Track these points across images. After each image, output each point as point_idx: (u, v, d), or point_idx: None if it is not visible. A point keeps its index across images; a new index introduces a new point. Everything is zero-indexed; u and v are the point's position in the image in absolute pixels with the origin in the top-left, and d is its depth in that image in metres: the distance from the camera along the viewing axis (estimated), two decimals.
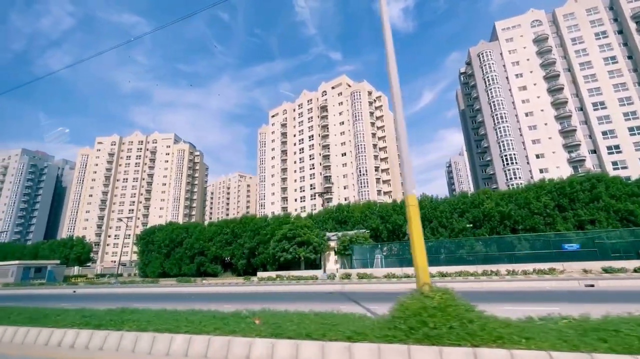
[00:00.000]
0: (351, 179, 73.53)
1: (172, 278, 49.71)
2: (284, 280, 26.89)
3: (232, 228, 52.41)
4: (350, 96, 78.59)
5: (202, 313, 8.35)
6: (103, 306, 10.59)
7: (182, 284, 30.69)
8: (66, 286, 34.02)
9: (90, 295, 22.85)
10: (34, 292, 28.86)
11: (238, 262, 49.73)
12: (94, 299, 18.98)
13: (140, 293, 22.89)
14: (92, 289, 29.48)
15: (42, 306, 11.89)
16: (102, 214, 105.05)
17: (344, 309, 7.71)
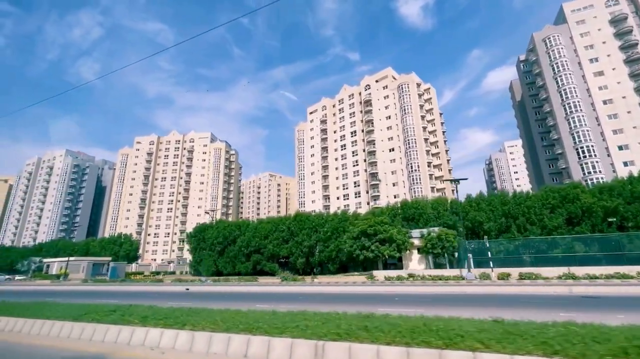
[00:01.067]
0: (401, 176, 70.04)
1: (230, 276, 48.27)
2: (416, 279, 23.63)
3: (287, 225, 50.36)
4: (397, 89, 75.14)
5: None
6: (258, 306, 8.16)
7: (289, 283, 27.68)
8: (161, 284, 32.78)
9: (202, 294, 20.88)
10: (126, 289, 27.52)
11: (297, 261, 47.58)
12: (213, 298, 16.90)
13: (247, 292, 20.76)
14: (201, 287, 27.38)
15: (177, 306, 10.49)
16: (142, 212, 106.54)
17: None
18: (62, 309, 11.04)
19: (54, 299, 15.23)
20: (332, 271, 45.91)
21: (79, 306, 11.10)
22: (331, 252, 45.21)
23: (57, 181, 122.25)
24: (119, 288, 28.62)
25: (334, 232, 46.39)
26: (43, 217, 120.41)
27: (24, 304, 12.42)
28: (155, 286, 28.50)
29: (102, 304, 11.24)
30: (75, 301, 13.47)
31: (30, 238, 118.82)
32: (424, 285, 20.18)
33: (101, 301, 12.89)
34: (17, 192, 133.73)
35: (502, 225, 38.00)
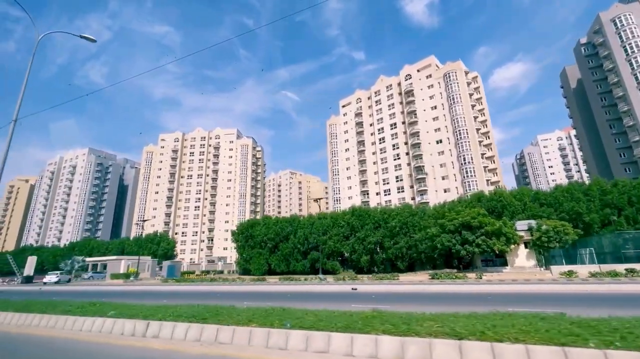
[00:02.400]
0: (451, 169, 66.19)
1: (279, 275, 45.10)
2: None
3: (346, 221, 47.02)
4: (443, 78, 71.26)
5: None
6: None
7: (444, 281, 23.68)
8: (257, 284, 29.61)
9: (364, 294, 17.56)
10: (220, 289, 24.35)
11: (360, 259, 44.21)
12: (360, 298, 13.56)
13: (403, 292, 17.38)
14: (336, 286, 23.74)
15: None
16: (169, 211, 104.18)
17: None
18: (243, 313, 8.53)
19: (185, 301, 12.30)
20: (402, 269, 42.48)
21: (245, 311, 8.87)
22: (401, 248, 41.84)
23: (81, 180, 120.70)
24: (209, 287, 25.55)
25: (403, 227, 43.02)
26: (67, 216, 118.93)
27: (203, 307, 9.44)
28: (249, 286, 25.29)
29: (261, 308, 9.15)
30: (209, 303, 11.00)
31: (55, 238, 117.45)
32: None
33: (230, 303, 10.71)
34: (39, 192, 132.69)
35: (607, 216, 34.13)
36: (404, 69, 79.49)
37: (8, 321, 11.03)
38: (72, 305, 11.97)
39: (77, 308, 11.09)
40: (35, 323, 10.64)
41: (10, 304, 13.22)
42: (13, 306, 12.56)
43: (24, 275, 42.37)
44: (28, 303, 13.07)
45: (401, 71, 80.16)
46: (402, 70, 79.89)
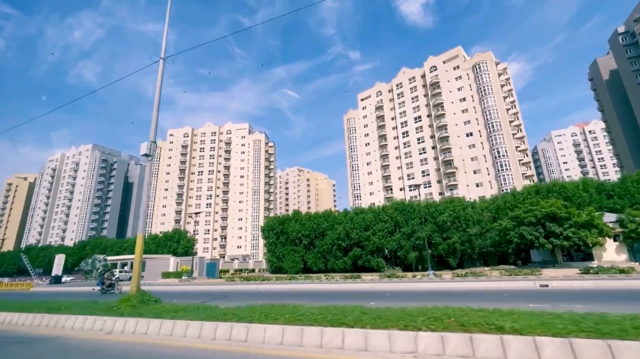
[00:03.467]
0: (483, 163, 63.96)
1: (315, 273, 42.37)
2: None
3: (389, 215, 44.44)
4: (472, 69, 68.97)
5: None
6: None
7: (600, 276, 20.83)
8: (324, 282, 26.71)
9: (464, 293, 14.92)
10: (294, 288, 21.54)
11: (407, 255, 41.63)
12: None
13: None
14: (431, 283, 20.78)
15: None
16: (179, 208, 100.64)
17: None
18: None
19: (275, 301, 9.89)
20: (453, 265, 40.07)
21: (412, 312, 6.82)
22: (453, 244, 39.38)
23: (85, 177, 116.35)
24: (275, 286, 22.73)
25: (454, 222, 40.57)
26: (71, 215, 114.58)
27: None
28: (326, 285, 22.48)
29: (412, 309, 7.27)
30: (314, 303, 8.93)
31: (58, 237, 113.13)
32: None
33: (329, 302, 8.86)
34: (40, 190, 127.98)
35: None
36: (429, 61, 77.05)
37: (144, 330, 8.24)
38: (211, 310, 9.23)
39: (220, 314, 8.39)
40: (178, 331, 7.82)
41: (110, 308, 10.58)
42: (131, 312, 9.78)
43: (53, 275, 38.93)
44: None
45: (425, 63, 77.72)
46: (426, 62, 77.45)
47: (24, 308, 11.72)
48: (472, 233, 38.22)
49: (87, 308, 11.09)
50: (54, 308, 11.20)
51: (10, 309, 11.80)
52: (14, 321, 10.70)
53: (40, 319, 10.19)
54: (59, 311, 10.73)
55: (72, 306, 11.39)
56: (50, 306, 11.62)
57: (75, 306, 11.52)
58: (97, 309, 10.62)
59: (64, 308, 11.17)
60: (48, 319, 10.09)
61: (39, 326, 9.94)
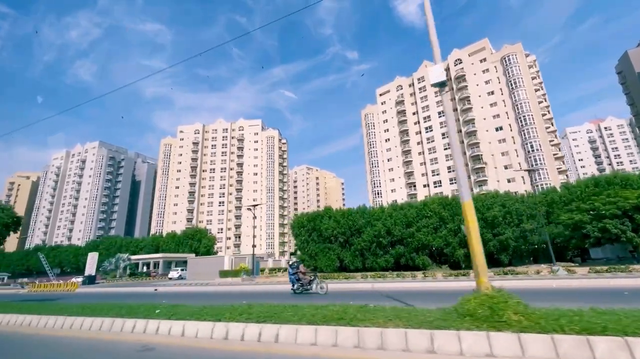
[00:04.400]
0: (514, 157, 62.01)
1: (352, 272, 40.14)
2: None
3: (432, 210, 42.30)
4: (501, 62, 67.01)
5: None
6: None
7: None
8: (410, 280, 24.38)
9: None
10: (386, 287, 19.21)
11: (455, 253, 39.53)
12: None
13: None
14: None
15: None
16: (191, 207, 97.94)
17: None
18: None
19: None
20: (505, 263, 37.99)
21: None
22: (505, 240, 37.29)
23: (92, 175, 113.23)
24: (356, 285, 20.41)
25: (505, 217, 38.49)
26: (78, 214, 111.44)
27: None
28: (424, 283, 20.25)
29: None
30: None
31: (64, 237, 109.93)
32: None
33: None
34: (44, 189, 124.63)
35: None
36: (453, 54, 75.02)
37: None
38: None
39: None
40: (324, 340, 5.52)
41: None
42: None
43: (86, 275, 36.11)
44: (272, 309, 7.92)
45: (449, 56, 75.67)
46: (450, 55, 75.41)
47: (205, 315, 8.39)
48: (528, 228, 36.10)
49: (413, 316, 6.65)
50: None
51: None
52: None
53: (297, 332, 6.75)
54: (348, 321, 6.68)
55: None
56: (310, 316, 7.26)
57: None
58: (428, 317, 6.38)
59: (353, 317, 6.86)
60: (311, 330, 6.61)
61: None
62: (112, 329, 8.89)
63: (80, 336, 8.71)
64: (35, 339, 8.64)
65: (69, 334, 8.99)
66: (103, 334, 8.63)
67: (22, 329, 10.39)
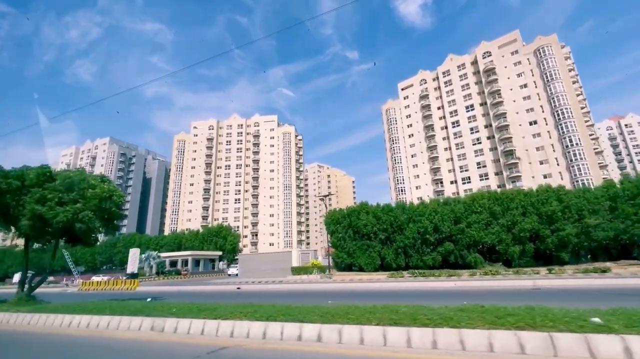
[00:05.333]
0: (551, 152, 59.86)
1: (393, 271, 37.97)
2: None
3: (481, 205, 40.13)
4: (534, 54, 64.81)
5: None
6: None
7: None
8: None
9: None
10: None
11: (508, 250, 37.39)
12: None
13: None
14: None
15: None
16: (207, 204, 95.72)
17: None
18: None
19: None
20: (565, 260, 35.81)
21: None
22: (566, 236, 35.12)
23: (103, 172, 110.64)
24: (440, 284, 18.32)
25: (564, 212, 36.34)
26: None
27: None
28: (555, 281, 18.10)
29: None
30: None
31: None
32: None
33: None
34: None
35: None
36: (481, 46, 72.80)
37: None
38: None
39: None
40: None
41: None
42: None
43: (129, 272, 33.80)
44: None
45: (477, 49, 73.47)
46: (478, 48, 73.19)
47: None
48: (592, 224, 33.94)
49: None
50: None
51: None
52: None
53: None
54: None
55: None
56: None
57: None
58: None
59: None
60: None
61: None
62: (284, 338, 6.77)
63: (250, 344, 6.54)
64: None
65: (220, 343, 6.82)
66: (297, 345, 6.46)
67: (141, 335, 8.30)
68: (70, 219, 14.25)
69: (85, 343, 7.98)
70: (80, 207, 14.56)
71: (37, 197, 14.35)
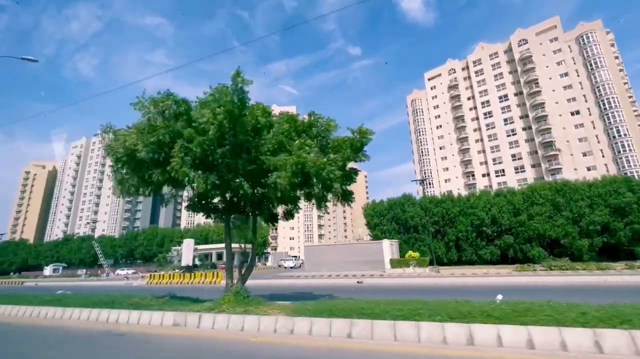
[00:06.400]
0: (595, 144, 57.29)
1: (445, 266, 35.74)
2: None
3: (545, 197, 37.69)
4: (576, 40, 61.93)
5: None
6: None
7: None
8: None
9: None
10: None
11: (574, 243, 35.08)
12: None
13: None
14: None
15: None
16: None
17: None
18: None
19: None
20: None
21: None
22: None
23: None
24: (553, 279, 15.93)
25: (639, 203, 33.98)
26: (101, 204, 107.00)
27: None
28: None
29: None
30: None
31: (88, 228, 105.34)
32: None
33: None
34: (64, 178, 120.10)
35: None
36: (516, 34, 69.81)
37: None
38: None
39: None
40: None
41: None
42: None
43: (184, 265, 31.29)
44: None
45: (511, 36, 70.45)
46: (513, 36, 70.18)
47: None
48: None
49: None
50: None
51: None
52: None
53: None
54: None
55: None
56: None
57: None
58: None
59: None
60: None
61: None
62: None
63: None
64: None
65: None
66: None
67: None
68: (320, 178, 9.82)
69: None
70: (337, 159, 10.17)
71: (297, 145, 10.20)
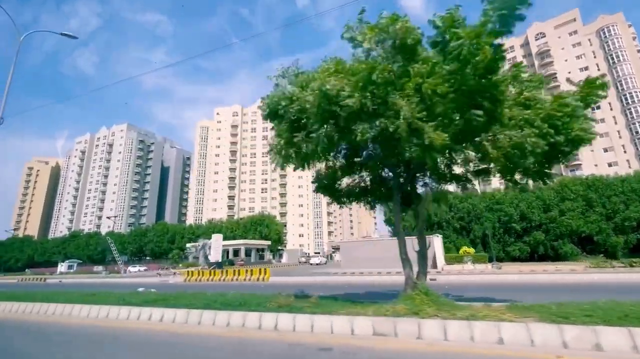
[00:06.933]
0: (617, 139, 56.21)
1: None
2: None
3: (577, 192, 36.57)
4: (596, 34, 60.62)
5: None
6: None
7: None
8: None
9: None
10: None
11: (607, 240, 34.00)
12: None
13: None
14: None
15: None
16: (232, 193, 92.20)
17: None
18: None
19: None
20: None
21: None
22: None
23: (121, 160, 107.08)
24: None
25: None
26: (107, 200, 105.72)
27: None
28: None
29: None
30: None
31: (93, 224, 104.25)
32: None
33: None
34: (68, 174, 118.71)
35: None
36: (533, 27, 68.41)
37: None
38: None
39: None
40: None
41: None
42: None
43: (213, 261, 30.02)
44: None
45: (528, 30, 69.05)
46: (530, 29, 68.79)
47: None
48: None
49: None
50: None
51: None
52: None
53: None
54: None
55: None
56: None
57: None
58: None
59: None
60: None
61: None
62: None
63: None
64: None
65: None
66: None
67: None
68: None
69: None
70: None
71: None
